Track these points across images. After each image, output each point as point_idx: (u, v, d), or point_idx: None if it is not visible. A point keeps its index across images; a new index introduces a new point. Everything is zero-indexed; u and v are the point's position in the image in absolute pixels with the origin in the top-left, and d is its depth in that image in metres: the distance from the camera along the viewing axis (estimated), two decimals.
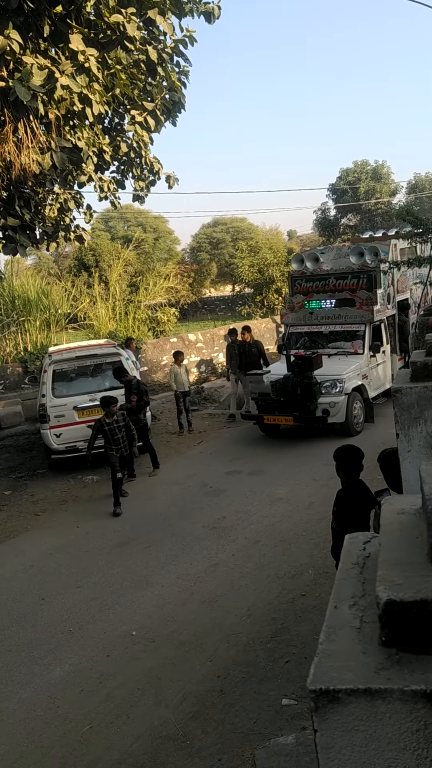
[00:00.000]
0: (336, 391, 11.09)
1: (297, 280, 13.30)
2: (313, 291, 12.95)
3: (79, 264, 32.34)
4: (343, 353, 12.07)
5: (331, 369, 11.32)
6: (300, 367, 11.01)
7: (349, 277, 12.57)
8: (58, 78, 6.87)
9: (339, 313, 12.42)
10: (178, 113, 10.20)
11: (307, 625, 5.62)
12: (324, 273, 12.92)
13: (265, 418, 11.56)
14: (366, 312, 12.12)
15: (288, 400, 11.12)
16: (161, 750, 4.43)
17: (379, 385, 12.47)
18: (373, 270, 12.29)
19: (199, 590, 6.63)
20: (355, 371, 11.61)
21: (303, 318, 12.89)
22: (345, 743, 1.06)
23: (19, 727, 4.90)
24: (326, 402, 10.99)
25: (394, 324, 13.24)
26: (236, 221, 43.12)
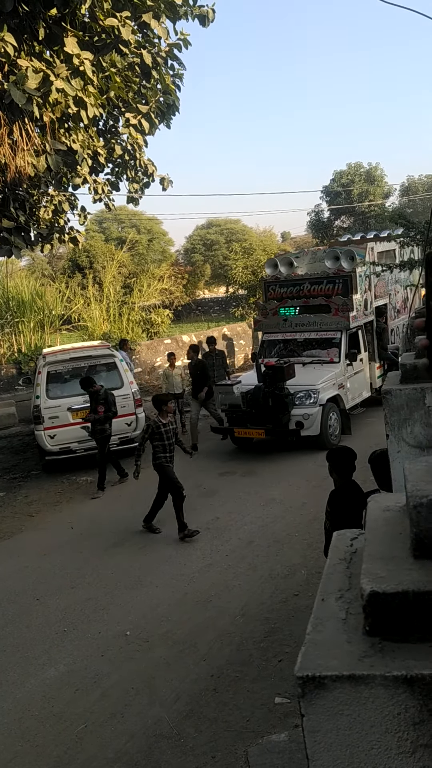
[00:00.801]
0: (310, 402, 10.63)
1: (270, 286, 12.89)
2: (287, 297, 12.49)
3: (73, 265, 32.34)
4: (318, 362, 11.60)
5: (304, 379, 10.90)
6: (271, 377, 10.54)
7: (324, 282, 12.14)
8: (53, 81, 6.92)
9: (314, 320, 11.93)
10: (173, 116, 10.26)
11: (300, 625, 5.67)
12: (298, 278, 12.53)
13: (235, 431, 11.05)
14: (342, 318, 11.63)
15: (259, 412, 10.66)
16: (155, 748, 4.47)
17: (356, 394, 12.07)
18: (348, 274, 11.87)
19: (193, 590, 6.68)
20: (331, 381, 11.18)
21: (277, 325, 12.41)
22: (330, 727, 1.12)
23: (14, 726, 4.93)
24: (300, 414, 10.55)
25: (372, 331, 12.73)
26: (230, 223, 43.19)
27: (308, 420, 10.49)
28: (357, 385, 12.09)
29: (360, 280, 11.97)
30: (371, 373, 12.68)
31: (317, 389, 10.67)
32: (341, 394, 11.35)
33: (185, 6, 8.84)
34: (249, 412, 10.76)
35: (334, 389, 11.17)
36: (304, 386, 10.68)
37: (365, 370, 12.43)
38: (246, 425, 10.89)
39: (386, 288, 13.49)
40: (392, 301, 13.81)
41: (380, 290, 13.11)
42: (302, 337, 12.17)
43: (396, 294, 14.08)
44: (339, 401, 11.27)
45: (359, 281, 11.93)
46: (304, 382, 10.78)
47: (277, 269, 12.74)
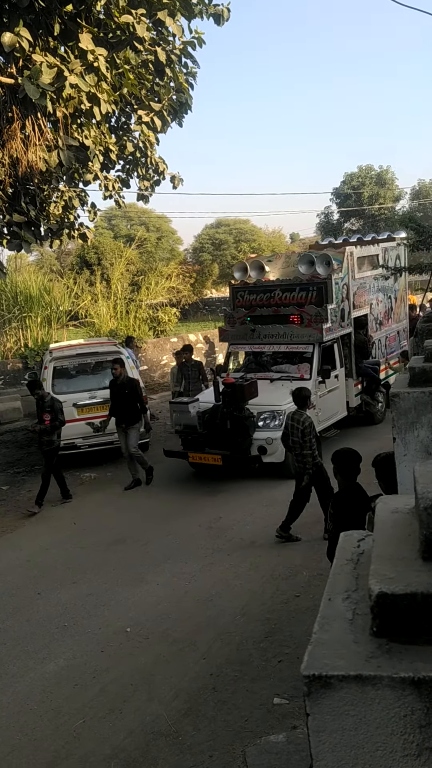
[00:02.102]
0: (275, 424, 9.48)
1: (239, 292, 11.60)
2: (256, 304, 11.24)
3: (82, 261, 32.37)
4: (287, 378, 10.40)
5: (269, 398, 9.79)
6: (230, 396, 9.38)
7: (297, 289, 10.90)
8: (67, 77, 6.93)
9: (284, 331, 10.71)
10: (185, 114, 10.27)
11: (301, 626, 5.66)
12: (269, 284, 11.33)
13: (190, 455, 9.80)
14: (314, 331, 10.42)
15: (216, 436, 9.49)
16: (153, 745, 4.47)
17: (330, 415, 10.89)
18: (323, 282, 10.72)
19: (194, 589, 6.68)
20: None
21: (244, 335, 11.13)
22: (336, 727, 1.11)
23: (12, 720, 4.94)
24: (262, 438, 9.41)
25: (350, 344, 11.50)
26: (239, 223, 43.17)
27: (272, 445, 9.32)
28: (330, 405, 10.89)
29: (336, 288, 10.81)
30: (348, 391, 11.46)
31: (282, 410, 9.38)
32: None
33: (200, 4, 8.85)
34: (206, 434, 9.63)
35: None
36: (268, 406, 9.64)
37: (341, 388, 11.20)
38: (203, 449, 9.66)
39: (367, 297, 12.29)
40: (374, 312, 12.58)
41: (360, 299, 11.93)
42: (271, 349, 11.13)
43: (378, 303, 12.86)
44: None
45: (335, 289, 10.77)
46: (269, 401, 9.72)
47: (247, 274, 11.70)
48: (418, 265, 14.83)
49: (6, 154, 8.04)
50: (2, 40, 6.65)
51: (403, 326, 14.28)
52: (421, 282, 22.39)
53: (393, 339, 13.65)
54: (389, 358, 13.13)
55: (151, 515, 8.86)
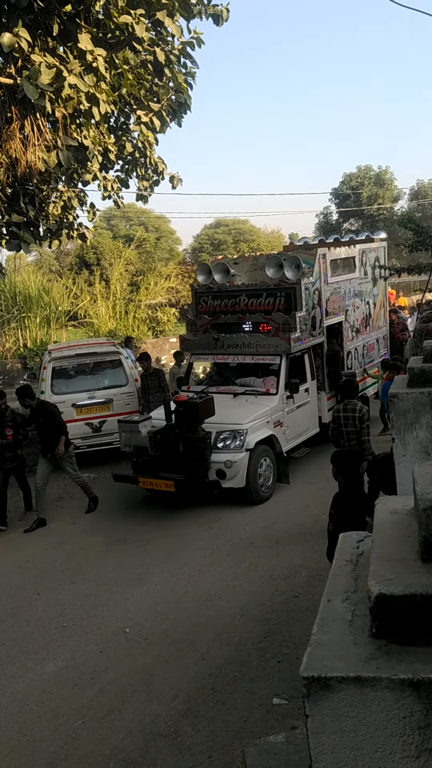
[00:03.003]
0: (235, 445, 8.66)
1: (202, 297, 10.73)
2: (220, 311, 10.42)
3: (81, 262, 32.40)
4: (252, 393, 9.62)
5: (230, 415, 8.95)
6: (183, 415, 8.49)
7: (264, 295, 10.08)
8: (66, 77, 6.93)
9: (249, 341, 9.82)
10: (184, 114, 10.27)
11: (300, 627, 5.67)
12: (234, 289, 10.44)
13: (140, 480, 8.86)
14: (281, 341, 9.54)
15: (168, 459, 8.56)
16: (152, 746, 4.47)
17: (299, 432, 10.03)
18: (292, 287, 9.86)
19: (193, 589, 6.68)
20: (263, 418, 9.13)
21: (206, 345, 10.24)
22: (335, 729, 1.11)
23: (11, 720, 4.93)
24: (221, 460, 8.54)
25: (323, 354, 10.63)
26: (238, 223, 43.21)
27: (231, 468, 8.51)
28: (300, 422, 10.01)
29: (306, 293, 9.95)
30: (321, 405, 10.57)
31: (244, 429, 8.71)
32: (277, 434, 9.30)
33: (199, 5, 8.85)
34: (158, 457, 8.62)
35: (267, 428, 9.13)
36: (228, 425, 8.77)
37: (312, 403, 10.31)
38: (155, 473, 8.67)
39: (342, 303, 11.31)
40: (349, 319, 11.61)
41: (334, 306, 11.00)
42: (235, 360, 10.20)
43: (355, 310, 11.86)
44: (274, 443, 9.26)
45: (305, 295, 9.90)
46: (229, 419, 8.85)
47: (211, 277, 10.68)
48: (417, 265, 14.80)
49: (5, 154, 8.04)
50: (1, 41, 6.65)
51: (383, 333, 13.42)
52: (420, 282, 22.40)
53: (372, 347, 12.72)
54: (368, 368, 12.21)
55: (150, 516, 8.86)
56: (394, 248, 32.46)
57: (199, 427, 8.45)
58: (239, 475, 8.56)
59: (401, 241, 22.32)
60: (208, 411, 8.49)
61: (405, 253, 29.74)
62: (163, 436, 8.62)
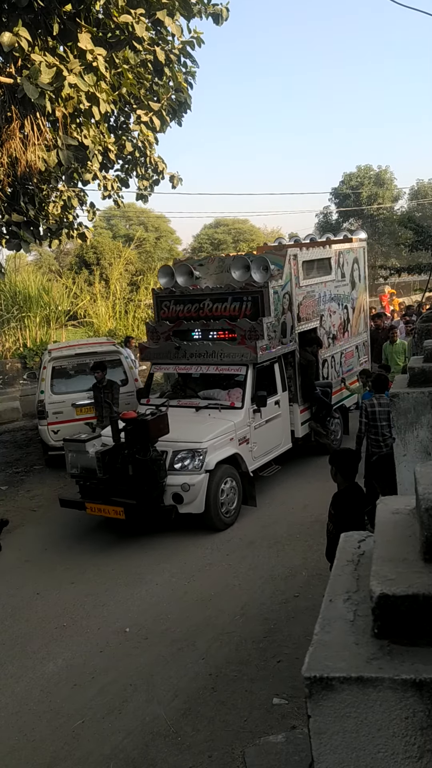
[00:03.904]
0: (193, 465, 7.84)
1: (164, 302, 9.92)
2: (183, 317, 9.64)
3: (80, 261, 32.38)
4: (215, 406, 8.77)
5: (189, 432, 8.12)
6: (132, 435, 7.63)
7: (229, 299, 9.25)
8: (66, 76, 6.93)
9: (212, 350, 8.99)
10: (184, 113, 10.28)
11: (300, 626, 5.67)
12: (197, 293, 9.59)
13: (87, 506, 8.02)
14: (247, 349, 8.71)
15: (117, 483, 7.76)
16: (152, 746, 4.47)
17: (269, 449, 9.17)
18: (259, 290, 9.02)
19: (193, 589, 6.68)
20: (226, 435, 8.26)
21: (168, 354, 9.42)
22: (337, 729, 1.11)
23: (11, 720, 4.93)
24: (177, 483, 7.73)
25: (295, 363, 9.81)
26: (238, 223, 43.23)
27: (189, 492, 7.69)
28: (269, 438, 9.14)
29: (275, 297, 9.12)
30: (293, 419, 9.77)
31: (203, 448, 7.88)
32: (242, 452, 8.45)
33: (199, 4, 8.86)
34: (107, 480, 7.82)
35: (230, 446, 8.27)
36: (186, 443, 7.95)
37: (283, 416, 9.49)
38: (105, 498, 7.87)
39: (317, 308, 10.48)
40: (325, 325, 10.77)
41: (307, 311, 10.16)
42: (198, 371, 9.36)
43: (331, 315, 11.01)
44: (239, 462, 8.41)
45: (274, 299, 9.07)
46: (187, 437, 8.02)
47: (173, 280, 9.87)
48: (417, 264, 14.80)
49: (5, 153, 8.03)
50: (1, 40, 6.64)
51: (363, 340, 12.55)
52: (420, 282, 22.43)
53: (350, 355, 11.85)
54: (346, 377, 11.37)
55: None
56: (394, 248, 32.58)
57: (150, 447, 7.60)
58: (198, 500, 7.78)
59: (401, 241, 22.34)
60: (160, 429, 7.64)
61: (405, 253, 29.78)
62: (111, 457, 7.77)
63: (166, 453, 7.86)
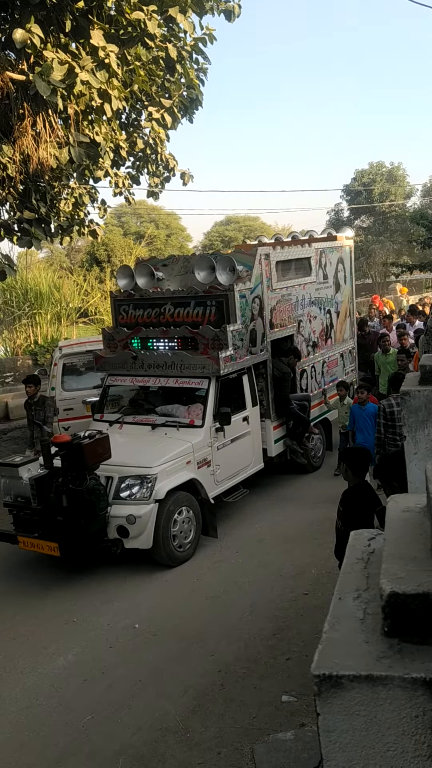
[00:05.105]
0: (141, 493, 6.96)
1: (122, 306, 9.08)
2: (142, 323, 8.76)
3: (91, 258, 32.46)
4: (172, 424, 7.90)
5: (137, 455, 7.31)
6: (67, 461, 6.78)
7: (192, 303, 8.37)
8: (78, 73, 6.93)
9: (172, 360, 8.12)
10: (195, 110, 10.27)
11: (309, 624, 5.66)
12: (157, 297, 8.71)
13: (20, 540, 7.05)
14: (209, 360, 7.82)
15: (50, 516, 6.86)
16: (161, 742, 4.48)
17: (235, 471, 8.24)
18: (223, 294, 8.11)
19: (202, 586, 6.69)
20: (181, 457, 7.37)
21: (124, 364, 8.60)
22: (346, 727, 1.11)
23: (22, 714, 4.96)
24: (122, 515, 6.86)
25: (267, 375, 8.82)
26: (249, 220, 43.18)
27: (135, 524, 6.82)
28: (235, 459, 8.22)
29: (243, 302, 8.20)
30: (265, 436, 8.85)
31: (152, 475, 7.00)
32: (202, 476, 7.57)
33: (211, 1, 8.84)
34: (42, 510, 6.91)
35: (187, 471, 7.39)
36: (133, 468, 7.12)
37: (253, 434, 8.55)
38: (41, 531, 6.95)
39: (294, 312, 9.52)
40: (303, 332, 9.83)
41: (282, 316, 9.20)
42: (156, 383, 8.52)
43: (311, 320, 10.04)
44: (198, 489, 7.51)
45: (241, 304, 8.15)
46: (136, 461, 7.20)
47: (133, 282, 8.99)
48: (429, 262, 14.69)
49: (17, 150, 8.06)
50: (14, 37, 6.66)
51: (349, 347, 11.56)
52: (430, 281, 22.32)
53: (334, 364, 10.88)
54: (329, 389, 10.45)
55: None
56: (406, 245, 32.36)
57: (87, 474, 6.72)
58: (145, 533, 6.89)
59: (413, 238, 22.20)
60: (99, 454, 6.78)
61: (417, 250, 29.64)
62: (43, 486, 6.91)
63: (111, 479, 7.07)
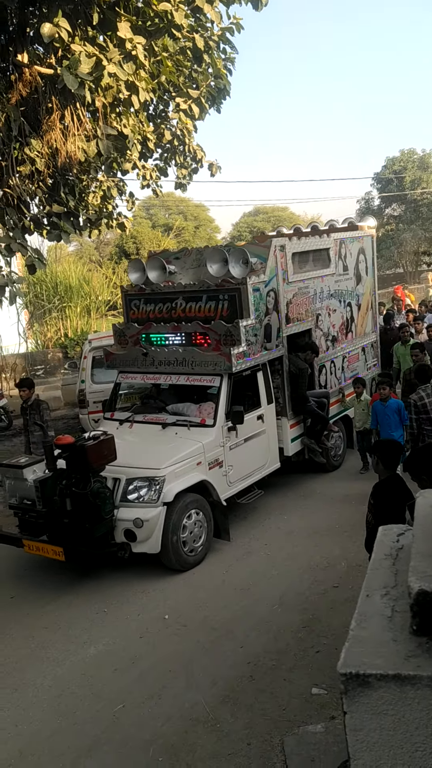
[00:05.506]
0: (149, 496, 6.73)
1: (133, 301, 8.80)
2: (153, 318, 8.52)
3: (120, 251, 32.61)
4: (183, 423, 7.64)
5: (145, 456, 7.11)
6: (70, 463, 6.63)
7: (204, 298, 8.02)
8: (105, 66, 6.94)
9: (182, 357, 7.85)
10: (223, 100, 10.21)
11: (339, 617, 5.64)
12: (168, 291, 8.39)
13: (25, 543, 6.84)
14: (221, 357, 7.55)
15: (54, 519, 6.72)
16: (191, 732, 4.51)
17: (249, 471, 7.97)
18: (236, 288, 7.79)
19: (231, 578, 6.70)
20: (191, 459, 7.12)
21: (135, 361, 8.36)
22: (374, 726, 1.09)
23: (54, 703, 5.04)
24: (129, 518, 6.65)
25: (282, 371, 8.56)
26: (277, 210, 42.92)
27: (142, 528, 6.61)
28: (249, 459, 7.95)
29: (257, 296, 7.89)
30: (282, 435, 8.59)
31: (160, 476, 6.77)
32: (213, 477, 7.32)
33: None
34: (47, 513, 6.79)
35: (197, 472, 7.14)
36: (141, 470, 6.88)
37: (269, 433, 8.29)
38: (46, 534, 6.84)
39: (312, 306, 9.17)
40: (322, 326, 9.50)
41: (299, 310, 8.86)
42: (167, 381, 8.25)
43: (330, 314, 9.70)
44: (210, 491, 7.26)
45: (254, 298, 7.82)
46: (144, 462, 6.99)
47: (145, 276, 8.69)
48: None
49: (45, 145, 8.12)
50: (42, 31, 6.69)
51: (371, 340, 11.22)
52: None
53: (355, 359, 10.58)
54: (347, 386, 10.07)
55: None
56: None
57: (92, 477, 6.54)
58: (153, 537, 6.67)
59: None
60: (103, 455, 6.59)
61: None
62: (48, 489, 6.76)
63: (119, 481, 6.87)
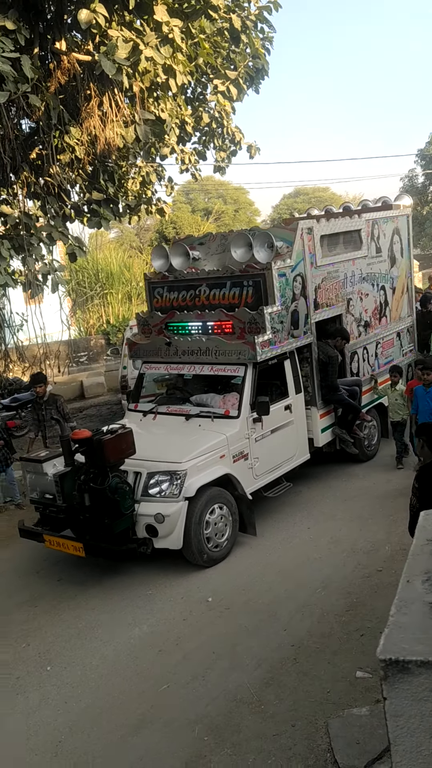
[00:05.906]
0: (170, 491, 6.53)
1: (156, 289, 8.56)
2: (176, 306, 8.26)
3: (160, 237, 32.66)
4: (207, 415, 7.40)
5: (167, 449, 6.91)
6: (88, 458, 6.52)
7: (228, 284, 7.74)
8: (142, 50, 6.93)
9: (207, 346, 7.56)
10: (261, 80, 10.11)
11: (383, 601, 5.59)
12: (192, 278, 8.12)
13: (45, 539, 6.80)
14: (245, 345, 7.25)
15: (74, 514, 6.67)
16: (236, 713, 4.56)
17: (276, 464, 7.69)
18: (261, 273, 7.47)
19: (274, 562, 6.72)
20: (214, 451, 6.87)
21: (158, 351, 8.07)
22: (414, 712, 1.08)
23: (101, 682, 5.15)
24: (150, 513, 6.46)
25: (311, 359, 8.19)
26: (318, 191, 42.33)
27: (164, 523, 6.41)
28: (276, 450, 7.65)
29: (283, 281, 7.56)
30: (312, 425, 8.27)
31: (182, 470, 6.55)
32: (238, 471, 7.06)
33: None
34: (67, 508, 6.74)
35: (221, 466, 6.88)
36: (162, 464, 6.67)
37: (297, 423, 7.97)
38: (68, 528, 6.87)
39: (342, 290, 8.76)
40: (354, 311, 9.07)
41: (329, 295, 8.46)
42: (191, 371, 7.97)
43: (363, 298, 9.26)
44: (235, 484, 7.02)
45: (280, 284, 7.50)
46: (165, 455, 6.78)
47: (168, 262, 8.41)
48: None
49: (85, 132, 8.16)
50: (79, 18, 6.72)
51: (407, 325, 10.69)
52: None
53: (389, 344, 10.10)
54: (381, 373, 9.66)
55: None
56: None
57: (110, 472, 6.39)
58: (175, 533, 6.48)
59: None
60: (122, 450, 6.44)
61: None
62: (67, 483, 6.70)
63: (140, 475, 6.69)
